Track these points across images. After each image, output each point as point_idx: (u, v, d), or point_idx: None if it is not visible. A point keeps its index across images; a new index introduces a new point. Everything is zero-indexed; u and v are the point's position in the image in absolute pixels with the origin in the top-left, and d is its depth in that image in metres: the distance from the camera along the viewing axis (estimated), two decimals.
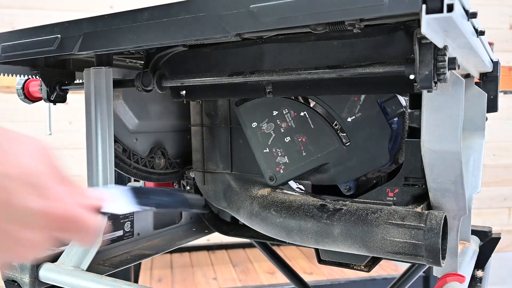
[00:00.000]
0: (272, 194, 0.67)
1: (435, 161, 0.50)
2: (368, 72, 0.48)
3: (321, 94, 0.72)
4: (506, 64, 2.42)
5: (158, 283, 2.03)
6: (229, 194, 0.74)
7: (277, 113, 0.68)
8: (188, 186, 0.85)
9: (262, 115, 0.68)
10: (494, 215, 2.67)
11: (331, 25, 0.46)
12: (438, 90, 0.47)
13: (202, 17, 0.47)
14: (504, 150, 2.64)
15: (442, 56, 0.40)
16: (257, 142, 0.69)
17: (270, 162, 0.68)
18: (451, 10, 0.34)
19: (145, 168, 0.82)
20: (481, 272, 0.67)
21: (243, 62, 0.62)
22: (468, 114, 0.68)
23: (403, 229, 0.52)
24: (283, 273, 1.11)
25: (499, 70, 0.72)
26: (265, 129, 0.68)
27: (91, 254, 0.69)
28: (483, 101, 0.68)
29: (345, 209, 0.58)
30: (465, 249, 0.67)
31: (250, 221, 0.67)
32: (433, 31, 0.37)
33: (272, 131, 0.68)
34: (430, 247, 0.50)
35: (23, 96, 0.73)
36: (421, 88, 0.41)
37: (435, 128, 0.48)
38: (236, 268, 2.22)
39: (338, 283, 1.96)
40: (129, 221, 0.79)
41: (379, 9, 0.38)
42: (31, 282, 0.64)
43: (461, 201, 0.53)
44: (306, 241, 0.60)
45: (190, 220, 0.95)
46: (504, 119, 2.62)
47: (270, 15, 0.43)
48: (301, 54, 0.58)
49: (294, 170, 0.67)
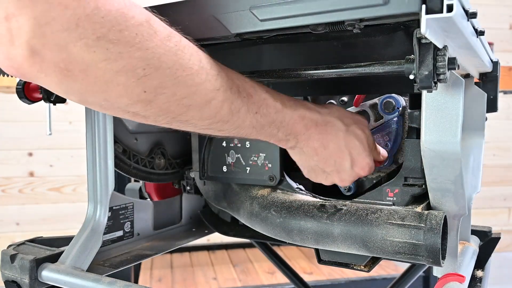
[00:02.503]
0: (272, 194, 0.67)
1: (435, 161, 0.50)
2: (368, 72, 0.48)
3: (321, 94, 0.72)
4: (506, 64, 2.42)
5: (158, 283, 2.03)
6: (229, 194, 0.74)
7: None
8: (188, 186, 0.85)
9: None
10: (494, 215, 2.67)
11: (331, 25, 0.46)
12: (438, 90, 0.47)
13: (202, 17, 0.47)
14: (504, 150, 2.64)
15: (442, 56, 0.40)
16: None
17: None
18: (451, 10, 0.34)
19: (145, 169, 0.82)
20: (481, 272, 0.67)
21: (243, 62, 0.62)
22: (468, 114, 0.68)
23: (403, 229, 0.52)
24: (283, 273, 1.11)
25: (499, 70, 0.72)
26: None
27: (91, 254, 0.69)
28: (483, 101, 0.69)
29: (345, 209, 0.58)
30: (465, 249, 0.67)
31: (250, 221, 0.67)
32: (433, 31, 0.37)
33: None
34: (430, 247, 0.50)
35: (23, 96, 0.73)
36: (421, 88, 0.41)
37: (435, 128, 0.48)
38: (236, 268, 2.22)
39: (338, 283, 1.96)
40: (129, 221, 0.79)
41: (379, 9, 0.38)
42: (31, 282, 0.64)
43: (461, 201, 0.53)
44: (306, 241, 0.60)
45: (190, 220, 0.95)
46: (504, 119, 2.62)
47: (270, 15, 0.43)
48: (301, 54, 0.58)
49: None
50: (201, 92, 0.43)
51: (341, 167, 0.57)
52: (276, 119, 0.51)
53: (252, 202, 0.67)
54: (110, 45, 0.35)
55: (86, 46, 0.35)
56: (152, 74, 0.39)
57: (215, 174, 0.74)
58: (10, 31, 0.33)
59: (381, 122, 0.67)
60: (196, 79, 0.42)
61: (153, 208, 0.85)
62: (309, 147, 0.55)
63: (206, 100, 0.44)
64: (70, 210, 2.28)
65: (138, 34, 0.37)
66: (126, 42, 0.36)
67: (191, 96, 0.42)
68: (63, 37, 0.34)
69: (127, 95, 0.39)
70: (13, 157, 2.23)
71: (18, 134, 2.22)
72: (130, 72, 0.37)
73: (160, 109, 0.42)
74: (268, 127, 0.51)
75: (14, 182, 2.24)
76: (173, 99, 0.41)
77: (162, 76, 0.39)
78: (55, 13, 0.33)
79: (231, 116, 0.47)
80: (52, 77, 0.36)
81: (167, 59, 0.39)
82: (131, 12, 0.37)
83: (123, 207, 0.78)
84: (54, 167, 2.27)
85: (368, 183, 0.72)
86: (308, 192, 0.66)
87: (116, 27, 0.35)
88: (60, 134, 2.19)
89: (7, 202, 2.24)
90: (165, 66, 0.39)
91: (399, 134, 0.67)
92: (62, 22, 0.33)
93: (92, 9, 0.34)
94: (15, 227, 2.26)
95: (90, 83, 0.37)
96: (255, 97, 0.49)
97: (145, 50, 0.37)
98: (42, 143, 2.25)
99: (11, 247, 0.70)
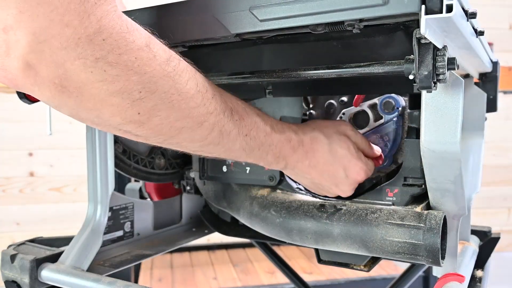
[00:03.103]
0: (272, 194, 0.67)
1: (435, 161, 0.50)
2: (367, 72, 0.48)
3: (321, 94, 0.72)
4: (505, 64, 2.42)
5: (158, 283, 2.03)
6: (229, 194, 0.74)
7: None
8: (188, 186, 0.85)
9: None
10: (494, 215, 2.67)
11: (330, 25, 0.46)
12: (438, 90, 0.47)
13: (202, 17, 0.47)
14: (504, 150, 2.64)
15: (442, 56, 0.40)
16: None
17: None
18: (451, 10, 0.34)
19: (145, 169, 0.82)
20: (481, 272, 0.67)
21: (243, 62, 0.62)
22: (468, 114, 0.68)
23: (403, 229, 0.53)
24: (283, 273, 1.11)
25: (499, 70, 0.72)
26: None
27: (91, 254, 0.69)
28: (482, 101, 0.69)
29: (345, 209, 0.58)
30: (464, 249, 0.67)
31: (250, 221, 0.67)
32: (433, 32, 0.37)
33: None
34: (429, 247, 0.50)
35: (23, 96, 0.73)
36: (421, 89, 0.41)
37: (435, 128, 0.48)
38: (236, 268, 2.22)
39: (338, 283, 1.96)
40: (129, 221, 0.79)
41: (379, 9, 0.38)
42: (31, 282, 0.64)
43: (461, 201, 0.53)
44: (306, 241, 0.60)
45: (190, 220, 0.95)
46: (504, 119, 2.62)
47: (270, 16, 0.43)
48: (301, 54, 0.58)
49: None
50: (194, 115, 0.43)
51: (336, 179, 0.58)
52: (265, 142, 0.52)
53: (252, 202, 0.67)
54: (108, 67, 0.35)
55: (84, 66, 0.34)
56: (148, 97, 0.39)
57: (215, 174, 0.74)
58: (7, 43, 0.33)
59: (381, 122, 0.67)
60: (191, 103, 0.42)
61: (153, 208, 0.85)
62: (300, 169, 0.57)
63: (198, 122, 0.44)
64: (70, 210, 2.28)
65: (138, 58, 0.37)
66: (124, 65, 0.36)
67: (184, 119, 0.43)
68: (61, 55, 0.33)
69: (120, 115, 0.39)
70: (13, 157, 2.23)
71: (18, 134, 2.22)
72: (126, 94, 0.37)
73: (152, 131, 0.42)
74: (258, 150, 0.52)
75: (15, 182, 2.24)
76: (166, 121, 0.41)
77: (157, 99, 0.39)
78: (55, 31, 0.32)
79: (222, 138, 0.48)
80: (46, 91, 0.36)
81: (164, 84, 0.39)
82: (132, 36, 0.37)
83: (123, 207, 0.78)
84: (54, 167, 2.27)
85: (367, 183, 0.72)
86: (308, 192, 0.66)
87: (116, 50, 0.35)
88: (60, 134, 2.19)
89: (7, 202, 2.24)
90: (161, 90, 0.39)
91: (399, 134, 0.67)
92: (62, 41, 0.33)
93: (94, 30, 0.34)
94: (15, 227, 2.26)
95: (83, 100, 0.37)
96: (246, 120, 0.50)
97: (143, 74, 0.37)
98: (42, 143, 2.25)
99: (11, 247, 0.70)
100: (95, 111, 0.38)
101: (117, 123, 0.40)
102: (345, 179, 0.58)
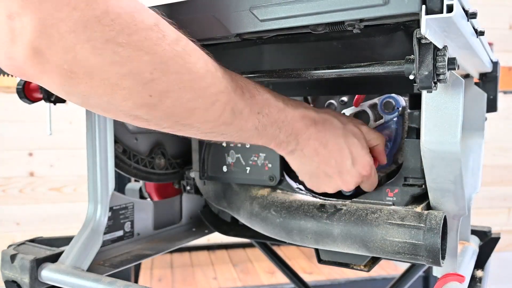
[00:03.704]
0: (272, 194, 0.67)
1: (435, 161, 0.50)
2: (367, 72, 0.48)
3: (321, 94, 0.72)
4: (506, 64, 2.42)
5: (158, 283, 2.03)
6: (229, 194, 0.74)
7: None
8: (188, 186, 0.85)
9: None
10: (494, 215, 2.67)
11: (330, 25, 0.46)
12: (438, 90, 0.47)
13: (202, 17, 0.47)
14: (504, 150, 2.64)
15: (442, 56, 0.40)
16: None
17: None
18: (451, 10, 0.34)
19: (145, 169, 0.82)
20: (481, 272, 0.67)
21: (243, 62, 0.62)
22: (468, 114, 0.68)
23: (403, 229, 0.53)
24: (283, 273, 1.11)
25: (499, 70, 0.72)
26: None
27: (91, 254, 0.69)
28: (482, 101, 0.69)
29: (345, 209, 0.58)
30: (464, 249, 0.67)
31: (250, 221, 0.67)
32: (433, 32, 0.37)
33: None
34: (429, 247, 0.50)
35: (23, 96, 0.73)
36: (421, 89, 0.41)
37: (435, 128, 0.48)
38: (236, 268, 2.22)
39: (338, 283, 1.96)
40: (129, 221, 0.79)
41: (379, 10, 0.38)
42: (31, 282, 0.64)
43: (461, 201, 0.53)
44: (306, 241, 0.60)
45: (190, 220, 0.95)
46: (504, 119, 2.62)
47: (270, 16, 0.43)
48: (301, 54, 0.58)
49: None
50: (206, 95, 0.43)
51: (342, 167, 0.57)
52: (278, 118, 0.52)
53: (252, 202, 0.67)
54: (119, 48, 0.35)
55: (93, 49, 0.34)
56: (159, 78, 0.38)
57: (215, 174, 0.74)
58: (13, 31, 0.32)
59: (381, 122, 0.67)
60: (202, 83, 0.42)
61: (153, 208, 0.85)
62: (309, 147, 0.55)
63: (211, 102, 0.44)
64: (70, 210, 2.28)
65: (147, 39, 0.36)
66: (134, 46, 0.36)
67: (196, 99, 0.42)
68: (70, 38, 0.33)
69: (132, 99, 0.38)
70: (13, 157, 2.23)
71: (18, 134, 2.22)
72: (137, 76, 0.37)
73: (164, 113, 0.41)
74: (271, 127, 0.51)
75: (14, 182, 2.24)
76: (178, 103, 0.41)
77: (169, 80, 0.39)
78: (63, 14, 0.32)
79: (234, 117, 0.47)
80: (55, 78, 0.35)
81: (174, 64, 0.39)
82: (140, 16, 0.36)
83: (123, 207, 0.78)
84: (54, 167, 2.28)
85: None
86: (308, 192, 0.66)
87: (125, 30, 0.35)
88: (60, 134, 2.19)
89: (7, 202, 2.24)
90: (172, 70, 0.39)
91: (399, 134, 0.67)
92: (70, 24, 0.32)
93: (101, 11, 0.33)
94: (15, 227, 2.26)
95: (94, 86, 0.36)
96: (258, 98, 0.50)
97: (153, 54, 0.37)
98: (42, 143, 2.25)
99: (11, 247, 0.70)
100: (106, 96, 0.37)
101: (129, 107, 0.39)
102: (351, 169, 0.57)
